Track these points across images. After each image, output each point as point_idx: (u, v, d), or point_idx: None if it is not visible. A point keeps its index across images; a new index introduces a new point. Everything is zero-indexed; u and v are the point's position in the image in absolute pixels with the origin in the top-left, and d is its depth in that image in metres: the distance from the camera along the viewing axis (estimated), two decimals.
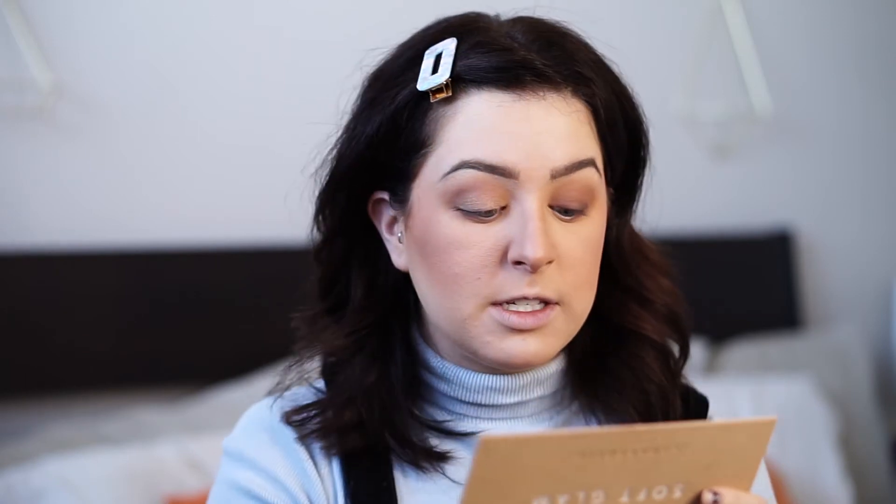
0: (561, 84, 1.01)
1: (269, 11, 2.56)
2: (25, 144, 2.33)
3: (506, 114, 0.99)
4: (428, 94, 1.01)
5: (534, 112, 1.00)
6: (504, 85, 1.00)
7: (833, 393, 2.91)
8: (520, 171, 0.99)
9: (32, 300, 2.29)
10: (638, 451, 0.82)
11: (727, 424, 0.85)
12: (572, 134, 1.00)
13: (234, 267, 2.46)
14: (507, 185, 0.99)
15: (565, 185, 1.00)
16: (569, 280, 1.02)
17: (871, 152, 3.30)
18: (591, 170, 1.01)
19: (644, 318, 1.09)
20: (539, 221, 0.99)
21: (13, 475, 2.07)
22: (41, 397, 2.32)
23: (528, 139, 0.99)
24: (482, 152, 0.99)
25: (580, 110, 1.02)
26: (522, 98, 1.00)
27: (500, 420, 1.08)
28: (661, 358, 1.10)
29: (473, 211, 1.00)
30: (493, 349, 1.02)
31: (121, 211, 2.40)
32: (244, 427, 1.10)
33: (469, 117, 1.00)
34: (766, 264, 3.10)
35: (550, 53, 1.02)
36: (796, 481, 2.65)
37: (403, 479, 1.06)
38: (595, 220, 1.03)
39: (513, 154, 0.99)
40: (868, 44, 3.27)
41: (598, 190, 1.03)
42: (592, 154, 1.02)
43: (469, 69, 1.00)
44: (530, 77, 1.00)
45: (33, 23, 2.33)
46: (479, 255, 1.00)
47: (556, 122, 1.00)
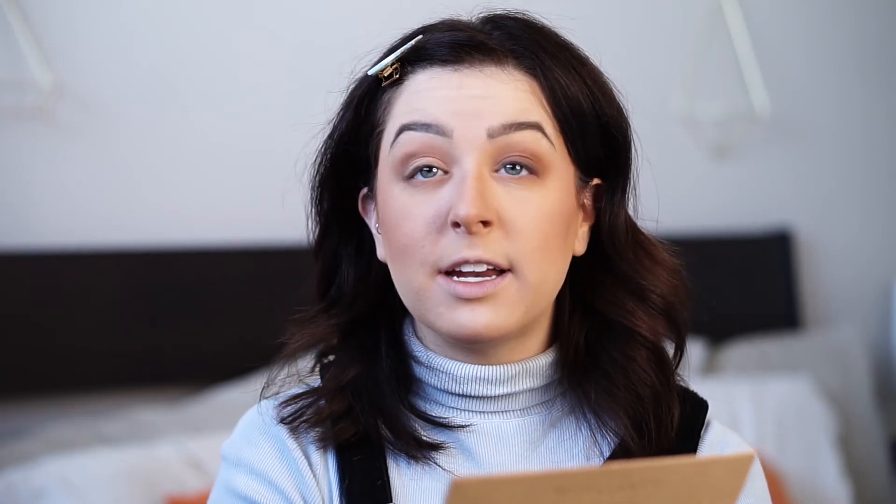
0: (502, 58, 1.03)
1: (269, 12, 2.56)
2: (26, 144, 2.33)
3: (440, 82, 1.03)
4: (381, 82, 1.05)
5: (469, 81, 1.02)
6: (443, 61, 1.03)
7: (832, 393, 2.91)
8: (453, 128, 1.01)
9: (32, 300, 2.29)
10: (614, 489, 0.81)
11: (704, 461, 0.84)
12: (510, 98, 1.02)
13: (234, 267, 2.46)
14: (445, 146, 1.01)
15: (506, 147, 1.01)
16: (518, 246, 1.01)
17: (871, 152, 3.30)
18: (536, 133, 1.02)
19: (638, 314, 1.07)
20: (474, 181, 1.00)
21: (13, 475, 2.07)
22: (41, 397, 2.32)
23: (461, 101, 1.01)
24: (418, 115, 1.02)
25: (522, 81, 1.03)
26: (459, 70, 1.02)
27: (490, 413, 1.08)
28: (654, 359, 1.08)
29: (417, 176, 1.02)
30: (445, 321, 1.02)
31: (121, 211, 2.41)
32: (240, 432, 1.11)
33: (410, 91, 1.04)
34: (766, 264, 3.10)
35: (498, 32, 1.04)
36: (795, 481, 2.65)
37: (397, 469, 1.07)
38: (551, 189, 1.03)
39: (446, 114, 1.01)
40: (868, 44, 3.27)
41: (549, 158, 1.02)
42: (537, 119, 1.02)
43: (415, 51, 1.04)
44: (468, 51, 1.02)
45: (33, 23, 2.33)
46: (424, 223, 1.01)
47: (492, 88, 1.02)
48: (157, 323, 2.38)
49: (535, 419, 1.08)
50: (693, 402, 1.11)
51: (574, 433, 1.08)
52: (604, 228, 1.08)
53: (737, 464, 0.83)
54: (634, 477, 0.81)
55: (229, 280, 2.44)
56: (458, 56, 1.02)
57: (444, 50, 1.03)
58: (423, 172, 1.02)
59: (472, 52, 1.02)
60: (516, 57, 1.03)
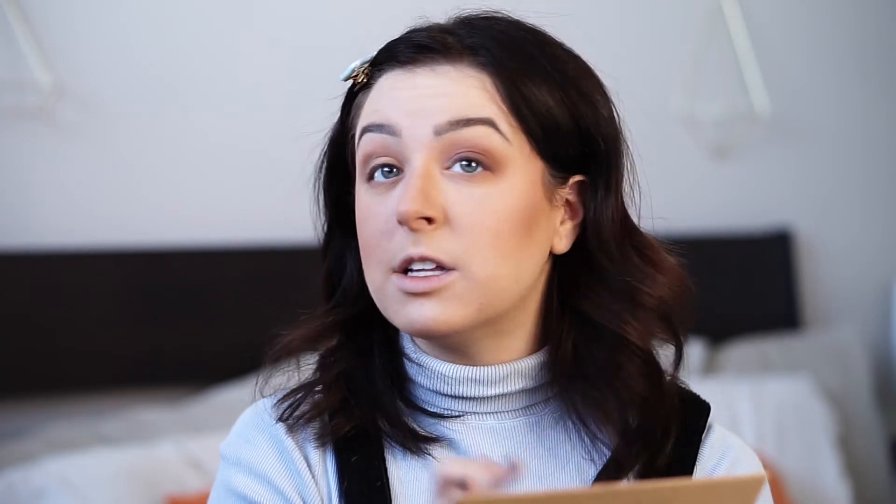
0: (457, 56, 1.02)
1: (269, 12, 2.56)
2: (26, 144, 2.33)
3: (395, 82, 1.03)
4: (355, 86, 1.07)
5: (421, 80, 1.02)
6: (402, 62, 1.03)
7: (832, 393, 2.91)
8: (402, 127, 1.01)
9: (32, 300, 2.29)
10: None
11: (713, 482, 0.83)
12: (459, 94, 1.01)
13: (234, 267, 2.46)
14: (397, 145, 1.01)
15: (456, 143, 1.01)
16: (464, 243, 1.00)
17: (871, 152, 3.30)
18: (487, 129, 1.01)
19: (628, 319, 1.05)
20: (417, 178, 1.00)
21: (13, 475, 2.07)
22: (41, 397, 2.32)
23: (410, 100, 1.02)
24: (375, 116, 1.03)
25: (476, 77, 1.02)
26: (413, 70, 1.03)
27: (480, 414, 1.07)
28: (645, 368, 1.06)
29: (377, 176, 1.03)
30: (400, 316, 1.03)
31: (121, 211, 2.41)
32: (238, 431, 1.11)
33: (373, 94, 1.05)
34: (766, 264, 3.10)
35: (464, 30, 1.04)
36: (795, 481, 2.65)
37: (395, 466, 1.07)
38: (507, 185, 1.01)
39: (395, 113, 1.02)
40: (868, 44, 3.28)
41: (503, 153, 1.01)
42: (488, 115, 1.01)
43: (381, 53, 1.06)
44: (424, 51, 1.03)
45: (34, 23, 2.33)
46: (379, 223, 1.02)
47: (442, 86, 1.02)
48: (157, 323, 2.38)
49: (523, 422, 1.07)
50: (694, 406, 1.10)
51: (564, 440, 1.07)
52: (588, 226, 1.06)
53: (747, 486, 0.82)
54: (643, 498, 0.80)
55: (229, 280, 2.44)
56: (413, 57, 1.03)
57: (403, 51, 1.04)
58: (383, 172, 1.03)
59: (427, 51, 1.03)
60: (474, 53, 1.02)
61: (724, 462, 1.08)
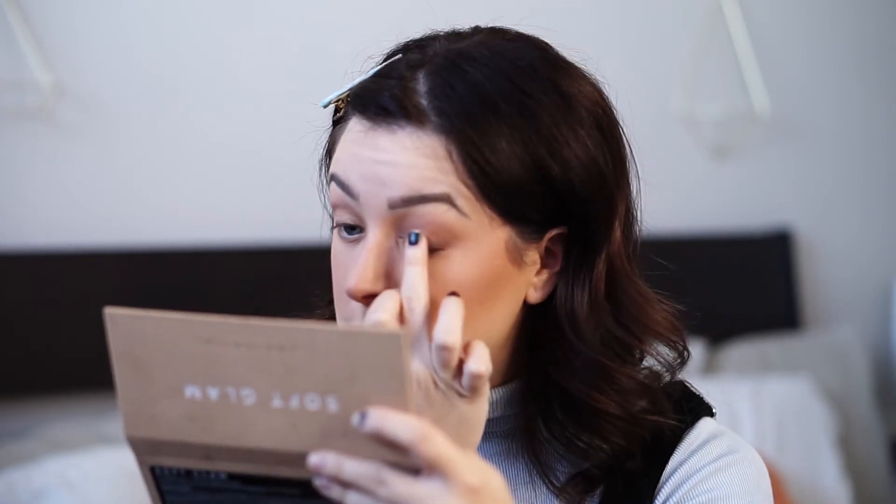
0: (421, 118, 0.96)
1: (269, 13, 2.56)
2: (25, 144, 2.33)
3: (356, 136, 0.98)
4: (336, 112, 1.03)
5: (381, 142, 0.97)
6: (365, 115, 0.99)
7: (832, 393, 2.91)
8: (359, 192, 0.97)
9: (32, 300, 2.29)
10: (261, 348, 0.80)
11: (349, 331, 0.81)
12: (416, 167, 0.96)
13: (234, 267, 2.46)
14: (356, 206, 0.98)
15: (409, 218, 0.96)
16: None
17: (871, 152, 3.30)
18: (442, 206, 0.95)
19: (604, 390, 1.00)
20: (368, 253, 0.96)
21: (13, 475, 2.07)
22: (41, 397, 2.32)
23: (368, 165, 0.97)
24: (338, 168, 0.99)
25: (435, 146, 0.96)
26: (374, 129, 0.98)
27: None
28: (625, 427, 1.01)
29: (342, 231, 1.00)
30: None
31: (121, 211, 2.41)
32: None
33: (343, 135, 1.01)
34: (766, 264, 3.10)
35: (435, 81, 0.98)
36: (795, 481, 2.66)
37: None
38: (460, 259, 0.97)
39: (353, 174, 0.98)
40: (868, 44, 3.28)
41: (459, 229, 0.96)
42: (445, 190, 0.95)
43: (353, 93, 1.01)
44: (380, 111, 0.98)
45: (34, 23, 2.33)
46: (341, 277, 1.00)
47: (398, 154, 0.96)
48: None
49: (485, 447, 1.03)
50: (695, 404, 1.07)
51: (520, 479, 1.04)
52: (558, 306, 1.01)
53: (383, 339, 0.80)
54: (279, 336, 0.80)
55: (229, 280, 2.44)
56: (376, 114, 0.98)
57: (359, 102, 0.99)
58: (346, 229, 0.99)
59: (389, 115, 0.97)
60: (439, 114, 0.96)
61: (696, 459, 1.04)
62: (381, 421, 0.81)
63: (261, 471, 0.84)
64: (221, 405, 0.82)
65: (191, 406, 0.83)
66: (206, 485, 0.85)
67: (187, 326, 0.82)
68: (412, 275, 0.94)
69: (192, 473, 0.85)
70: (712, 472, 1.03)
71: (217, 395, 0.82)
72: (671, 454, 1.04)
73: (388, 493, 0.81)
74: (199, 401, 0.82)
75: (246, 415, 0.82)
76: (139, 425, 0.84)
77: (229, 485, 0.85)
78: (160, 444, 0.84)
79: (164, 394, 0.83)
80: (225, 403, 0.82)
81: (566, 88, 1.00)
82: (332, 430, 0.81)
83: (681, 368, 1.07)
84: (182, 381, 0.82)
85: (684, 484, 1.03)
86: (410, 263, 0.94)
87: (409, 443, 0.80)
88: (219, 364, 0.82)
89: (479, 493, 0.81)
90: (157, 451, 0.84)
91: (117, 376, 0.85)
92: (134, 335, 0.83)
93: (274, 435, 0.82)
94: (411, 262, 0.94)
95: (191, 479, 0.85)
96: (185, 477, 0.85)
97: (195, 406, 0.82)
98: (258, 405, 0.82)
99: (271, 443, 0.82)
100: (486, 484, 0.81)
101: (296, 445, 0.82)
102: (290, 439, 0.82)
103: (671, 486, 1.03)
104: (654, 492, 1.04)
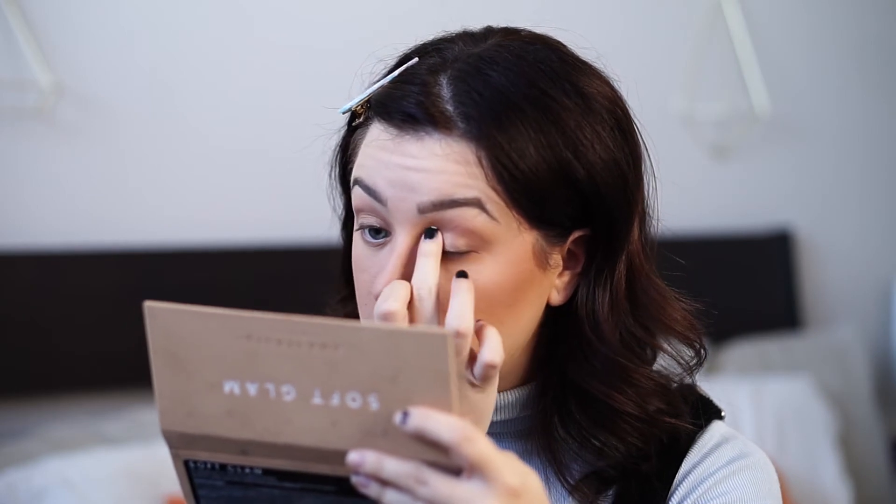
0: (448, 124, 0.96)
1: (268, 14, 2.56)
2: (25, 144, 2.33)
3: (382, 144, 0.98)
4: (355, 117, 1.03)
5: (408, 149, 0.97)
6: (388, 121, 0.98)
7: (832, 393, 2.91)
8: (387, 198, 0.97)
9: (32, 300, 2.29)
10: (304, 345, 0.80)
11: (394, 331, 0.81)
12: (446, 172, 0.96)
13: (234, 267, 2.46)
14: (383, 211, 0.98)
15: (440, 223, 0.96)
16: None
17: (871, 152, 3.30)
18: (472, 210, 0.96)
19: (622, 389, 1.02)
20: (397, 258, 0.97)
21: (13, 475, 2.07)
22: (41, 397, 2.32)
23: (396, 171, 0.97)
24: (363, 173, 0.99)
25: (465, 151, 0.96)
26: (401, 136, 0.97)
27: (490, 435, 1.04)
28: (643, 428, 1.02)
29: (367, 234, 0.99)
30: None
31: (121, 211, 2.41)
32: None
33: (366, 141, 1.00)
34: (766, 264, 3.10)
35: (459, 87, 0.97)
36: (796, 481, 2.66)
37: None
38: (492, 262, 0.97)
39: (380, 179, 0.97)
40: (868, 44, 3.28)
41: (490, 233, 0.97)
42: (475, 195, 0.96)
43: (375, 99, 1.00)
44: (406, 117, 0.97)
45: (33, 23, 2.33)
46: (366, 281, 0.99)
47: (427, 160, 0.96)
48: None
49: (522, 443, 1.05)
50: (704, 408, 1.08)
51: None
52: (579, 307, 1.02)
53: (429, 339, 0.80)
54: (323, 334, 0.80)
55: (229, 280, 2.44)
56: (402, 119, 0.97)
57: (385, 109, 0.99)
58: (371, 233, 0.99)
59: (415, 121, 0.97)
60: (466, 120, 0.96)
61: (709, 463, 1.05)
62: (423, 420, 0.81)
63: (297, 467, 0.84)
64: (260, 401, 0.82)
65: (229, 401, 0.83)
66: (240, 479, 0.85)
67: (227, 321, 0.81)
68: (424, 266, 0.95)
69: (226, 468, 0.85)
70: (725, 476, 1.04)
71: (256, 391, 0.82)
72: (685, 456, 1.05)
73: (429, 493, 0.81)
74: (237, 396, 0.82)
75: (285, 411, 0.82)
76: (176, 420, 0.84)
77: (264, 480, 0.85)
78: (196, 439, 0.84)
79: (202, 389, 0.83)
80: (264, 399, 0.82)
81: (585, 89, 1.00)
82: (373, 428, 0.81)
83: (698, 368, 1.09)
84: (221, 377, 0.82)
85: (698, 487, 1.04)
86: (423, 255, 0.95)
87: (452, 443, 0.80)
88: (259, 360, 0.81)
89: (520, 495, 0.81)
90: (193, 444, 0.84)
91: (155, 370, 0.85)
92: (172, 329, 0.83)
93: (313, 432, 0.82)
94: (425, 254, 0.95)
95: (225, 473, 0.85)
96: (220, 471, 0.85)
97: (234, 401, 0.83)
98: (298, 402, 0.82)
99: (310, 440, 0.82)
100: (525, 485, 0.81)
101: (335, 443, 0.82)
102: (330, 437, 0.82)
103: (685, 488, 1.04)
104: (667, 493, 1.04)
